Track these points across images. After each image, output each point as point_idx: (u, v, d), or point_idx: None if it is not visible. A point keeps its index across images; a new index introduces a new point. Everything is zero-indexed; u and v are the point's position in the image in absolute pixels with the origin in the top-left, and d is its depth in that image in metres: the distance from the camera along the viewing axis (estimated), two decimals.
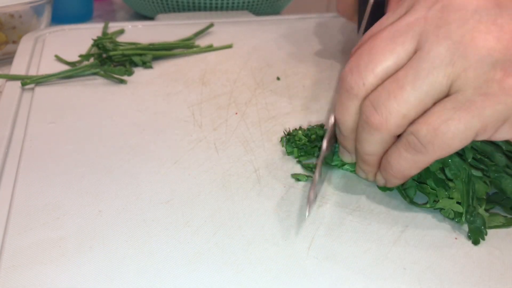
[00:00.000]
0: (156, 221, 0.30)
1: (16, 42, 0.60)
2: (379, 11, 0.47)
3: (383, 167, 0.31)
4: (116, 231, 0.29)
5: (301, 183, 0.34)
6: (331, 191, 0.34)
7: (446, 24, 0.27)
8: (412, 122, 0.28)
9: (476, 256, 0.29)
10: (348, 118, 0.31)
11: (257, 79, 0.50)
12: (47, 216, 0.30)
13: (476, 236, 0.29)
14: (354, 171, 0.35)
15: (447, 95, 0.27)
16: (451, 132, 0.26)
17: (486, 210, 0.31)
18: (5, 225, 0.29)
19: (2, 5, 0.58)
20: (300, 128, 0.39)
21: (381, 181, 0.33)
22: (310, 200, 0.30)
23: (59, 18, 0.72)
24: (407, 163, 0.29)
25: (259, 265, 0.27)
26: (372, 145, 0.30)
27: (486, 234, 0.29)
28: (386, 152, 0.30)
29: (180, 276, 0.26)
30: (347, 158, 0.34)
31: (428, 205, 0.31)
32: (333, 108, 0.33)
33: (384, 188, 0.33)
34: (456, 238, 0.30)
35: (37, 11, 0.63)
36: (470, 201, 0.30)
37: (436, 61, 0.26)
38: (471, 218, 0.30)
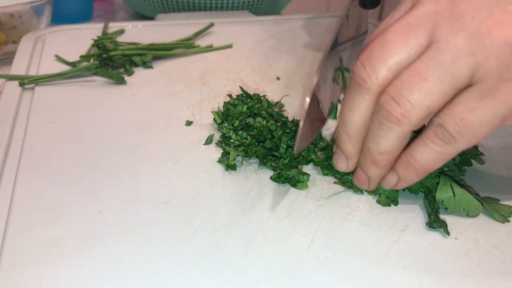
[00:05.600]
0: (156, 221, 0.30)
1: (16, 42, 0.60)
2: None
3: (404, 163, 0.30)
4: (116, 231, 0.29)
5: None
6: (331, 191, 0.34)
7: (460, 16, 0.27)
8: (435, 114, 0.28)
9: (476, 256, 0.29)
10: (358, 115, 0.30)
11: (257, 79, 0.50)
12: (47, 216, 0.30)
13: (446, 230, 0.30)
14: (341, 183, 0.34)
15: (468, 85, 0.27)
16: (479, 121, 0.27)
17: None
18: (5, 225, 0.29)
19: (2, 5, 0.58)
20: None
21: (392, 181, 0.31)
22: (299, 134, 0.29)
23: (59, 18, 0.72)
24: (434, 156, 0.29)
25: (259, 265, 0.27)
26: (391, 141, 0.29)
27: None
28: (406, 148, 0.30)
29: (180, 276, 0.26)
30: (342, 165, 0.33)
31: None
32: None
33: (386, 202, 0.33)
34: (456, 238, 0.30)
35: (37, 11, 0.63)
36: (433, 207, 0.32)
37: (457, 52, 0.27)
38: (435, 224, 0.30)
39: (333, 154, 0.34)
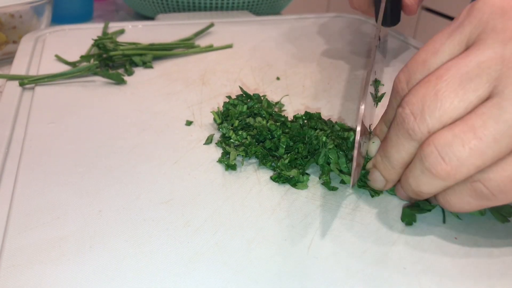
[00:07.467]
0: (156, 221, 0.30)
1: (16, 42, 0.60)
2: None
3: (441, 203, 0.29)
4: (116, 231, 0.29)
5: None
6: (330, 191, 0.34)
7: None
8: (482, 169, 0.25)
9: (476, 256, 0.29)
10: (404, 154, 0.28)
11: (257, 79, 0.50)
12: (47, 216, 0.30)
13: (408, 219, 0.30)
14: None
15: None
16: None
17: None
18: (5, 225, 0.29)
19: (2, 5, 0.58)
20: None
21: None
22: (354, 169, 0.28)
23: (59, 18, 0.72)
24: (470, 206, 0.27)
25: (259, 265, 0.27)
26: (433, 189, 0.27)
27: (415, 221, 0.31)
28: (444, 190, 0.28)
29: (180, 276, 0.26)
30: (380, 185, 0.31)
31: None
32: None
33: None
34: (456, 238, 0.30)
35: (37, 11, 0.63)
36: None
37: None
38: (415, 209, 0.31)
39: (370, 172, 0.32)
